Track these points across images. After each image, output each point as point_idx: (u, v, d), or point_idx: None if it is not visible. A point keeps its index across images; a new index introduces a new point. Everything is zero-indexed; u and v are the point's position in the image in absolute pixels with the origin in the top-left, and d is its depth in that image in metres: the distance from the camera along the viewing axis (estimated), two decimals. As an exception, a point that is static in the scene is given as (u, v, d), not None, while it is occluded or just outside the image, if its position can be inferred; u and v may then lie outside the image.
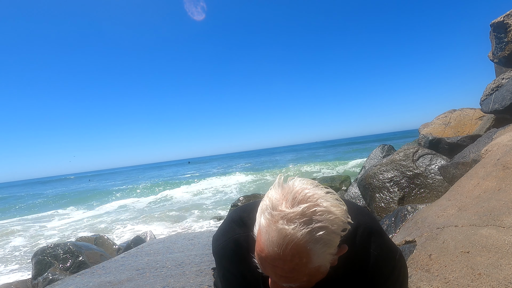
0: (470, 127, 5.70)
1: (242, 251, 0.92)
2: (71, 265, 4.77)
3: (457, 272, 1.74)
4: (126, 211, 13.82)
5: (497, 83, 4.86)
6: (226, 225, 1.01)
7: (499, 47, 5.11)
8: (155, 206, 14.15)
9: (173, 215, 11.36)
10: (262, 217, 0.74)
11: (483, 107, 4.92)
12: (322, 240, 0.69)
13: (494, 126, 4.76)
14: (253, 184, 18.06)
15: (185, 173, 38.41)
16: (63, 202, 21.65)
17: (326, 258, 0.73)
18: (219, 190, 17.21)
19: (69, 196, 26.34)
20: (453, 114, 6.47)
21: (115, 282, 2.84)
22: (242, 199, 8.43)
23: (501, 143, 3.42)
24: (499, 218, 2.07)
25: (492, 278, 1.60)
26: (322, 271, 0.75)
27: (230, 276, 0.99)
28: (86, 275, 3.18)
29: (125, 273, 3.07)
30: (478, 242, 1.91)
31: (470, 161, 3.77)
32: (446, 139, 5.37)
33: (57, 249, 4.98)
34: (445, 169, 4.21)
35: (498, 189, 2.51)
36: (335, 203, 0.72)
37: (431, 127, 6.23)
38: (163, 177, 37.11)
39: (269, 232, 0.70)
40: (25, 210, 19.95)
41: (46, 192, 36.04)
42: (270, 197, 0.74)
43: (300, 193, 0.71)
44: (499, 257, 1.73)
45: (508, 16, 4.95)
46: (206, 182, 22.30)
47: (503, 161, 2.87)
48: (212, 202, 13.41)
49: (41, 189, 46.46)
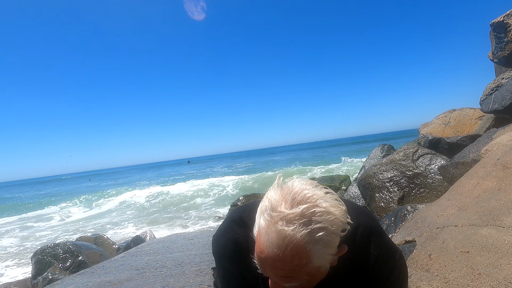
0: (470, 127, 5.70)
1: (242, 251, 0.92)
2: (71, 264, 4.77)
3: (457, 272, 1.74)
4: (126, 211, 13.82)
5: (497, 83, 4.85)
6: (226, 225, 1.01)
7: (499, 47, 5.11)
8: (155, 206, 14.15)
9: (172, 215, 11.36)
10: (262, 218, 0.74)
11: (483, 107, 4.92)
12: (322, 241, 0.69)
13: (494, 126, 4.76)
14: (253, 184, 18.06)
15: (185, 172, 38.41)
16: (63, 201, 21.63)
17: (326, 258, 0.73)
18: (219, 190, 17.20)
19: (70, 196, 26.33)
20: (453, 113, 6.48)
21: (114, 281, 2.84)
22: (242, 199, 8.43)
23: (501, 143, 3.42)
24: (499, 218, 2.07)
25: (492, 278, 1.60)
26: (322, 272, 0.75)
27: (230, 276, 0.99)
28: (86, 274, 3.18)
29: (124, 272, 3.07)
30: (478, 242, 1.91)
31: (470, 161, 3.77)
32: (446, 139, 5.37)
33: (56, 248, 4.97)
34: (445, 169, 4.21)
35: (498, 189, 2.51)
36: (335, 204, 0.72)
37: (431, 126, 6.23)
38: (162, 176, 37.11)
39: (268, 233, 0.70)
40: (23, 209, 19.93)
41: (46, 192, 36.03)
42: (269, 198, 0.74)
43: (299, 193, 0.71)
44: (499, 257, 1.73)
45: (508, 16, 4.95)
46: (206, 181, 22.29)
47: (503, 161, 2.87)
48: (212, 202, 13.42)
49: (42, 189, 46.45)
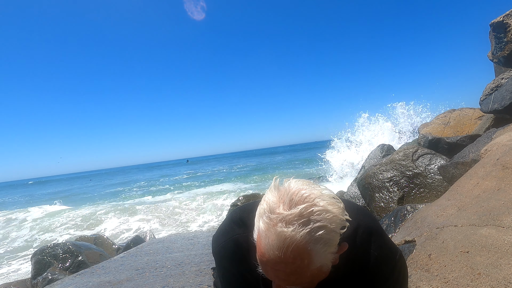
0: (469, 127, 5.71)
1: (242, 251, 0.93)
2: (71, 265, 4.77)
3: (457, 271, 1.75)
4: (126, 211, 13.81)
5: (497, 83, 4.86)
6: (226, 225, 1.01)
7: (498, 47, 5.11)
8: (154, 206, 14.14)
9: (172, 215, 11.36)
10: (261, 221, 0.74)
11: (483, 107, 4.93)
12: (322, 240, 0.69)
13: (494, 126, 4.76)
14: (253, 184, 18.07)
15: (184, 172, 38.39)
16: (64, 201, 21.62)
17: (327, 257, 0.73)
18: (219, 190, 17.21)
19: (70, 196, 26.32)
20: (453, 114, 6.48)
21: (114, 282, 2.83)
22: (242, 199, 8.42)
23: (500, 143, 3.42)
24: (499, 217, 2.07)
25: (492, 277, 1.60)
26: (325, 271, 0.75)
27: (229, 276, 0.99)
28: (86, 275, 3.18)
29: (124, 273, 3.06)
30: (477, 241, 1.91)
31: (470, 161, 3.77)
32: (445, 139, 5.37)
33: (56, 248, 4.97)
34: (445, 169, 4.21)
35: (498, 188, 2.51)
36: (332, 202, 0.72)
37: (430, 126, 6.24)
38: (162, 176, 37.10)
39: (268, 236, 0.70)
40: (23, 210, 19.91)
41: (48, 192, 36.01)
42: (267, 201, 0.74)
43: (296, 194, 0.71)
44: (499, 256, 1.73)
45: (507, 16, 4.95)
46: (205, 182, 22.30)
47: (502, 161, 2.87)
48: (212, 202, 13.41)
49: (43, 189, 46.42)
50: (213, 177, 25.58)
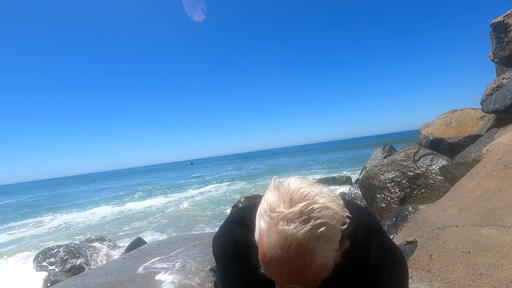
0: (471, 127, 5.69)
1: (242, 251, 0.93)
2: (72, 266, 4.78)
3: (458, 272, 1.74)
4: (127, 213, 13.83)
5: (498, 83, 4.85)
6: (226, 225, 1.01)
7: (499, 47, 5.11)
8: (155, 207, 14.16)
9: (173, 215, 11.37)
10: (262, 221, 0.74)
11: (484, 107, 4.92)
12: (324, 236, 0.69)
13: (495, 126, 4.76)
14: (253, 185, 18.06)
15: (188, 175, 38.35)
16: (66, 202, 21.68)
17: (329, 254, 0.73)
18: (220, 191, 17.22)
19: (71, 197, 26.39)
20: (454, 114, 6.47)
21: (116, 283, 2.84)
22: (243, 200, 8.43)
23: (502, 142, 3.41)
24: (500, 218, 2.07)
25: (493, 278, 1.60)
26: (327, 269, 0.76)
27: (230, 276, 0.99)
28: (87, 276, 3.19)
29: (126, 274, 3.07)
30: (479, 242, 1.90)
31: (471, 161, 3.77)
32: (447, 139, 5.37)
33: (58, 250, 4.99)
34: (446, 169, 4.21)
35: (499, 189, 2.51)
36: (332, 199, 0.72)
37: (432, 127, 6.23)
38: (165, 179, 37.12)
39: (270, 235, 0.71)
40: (24, 211, 19.97)
41: (50, 193, 36.11)
42: (267, 200, 0.74)
43: (296, 192, 0.72)
44: (500, 257, 1.72)
45: (508, 16, 4.95)
46: (207, 183, 22.32)
47: (504, 160, 2.87)
48: (213, 202, 13.42)
49: (44, 190, 46.57)
50: (215, 177, 25.60)
